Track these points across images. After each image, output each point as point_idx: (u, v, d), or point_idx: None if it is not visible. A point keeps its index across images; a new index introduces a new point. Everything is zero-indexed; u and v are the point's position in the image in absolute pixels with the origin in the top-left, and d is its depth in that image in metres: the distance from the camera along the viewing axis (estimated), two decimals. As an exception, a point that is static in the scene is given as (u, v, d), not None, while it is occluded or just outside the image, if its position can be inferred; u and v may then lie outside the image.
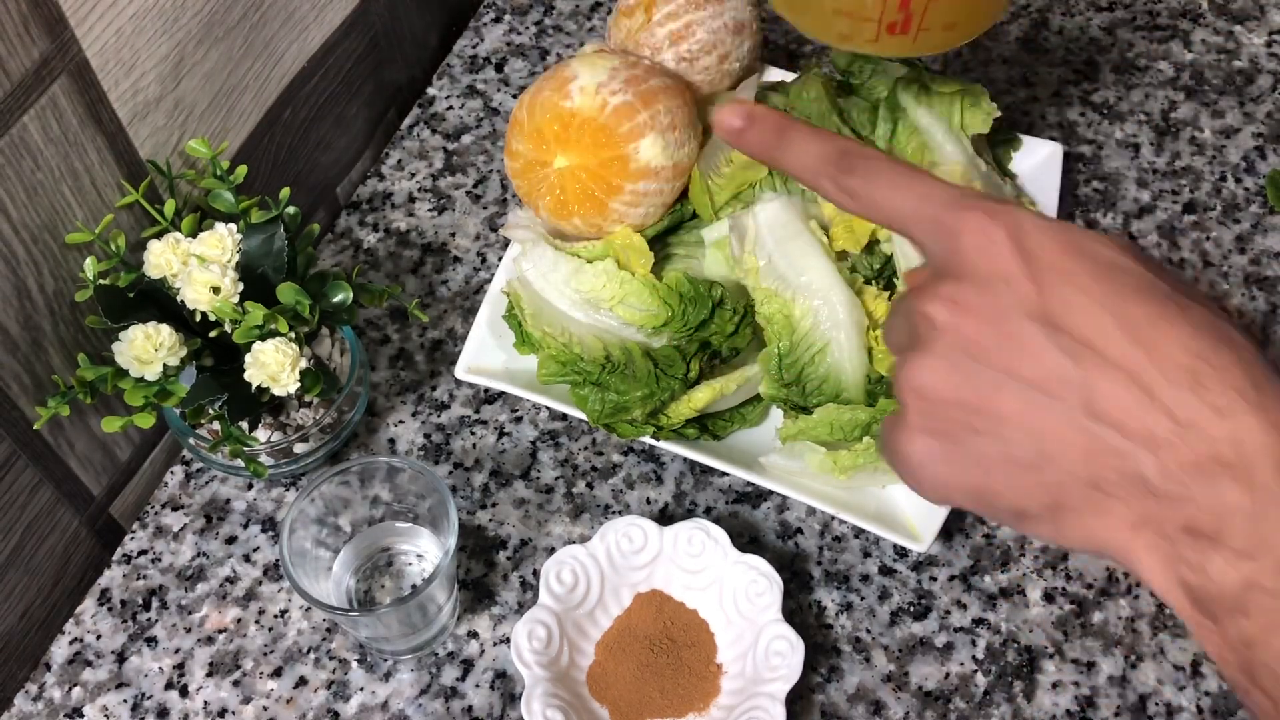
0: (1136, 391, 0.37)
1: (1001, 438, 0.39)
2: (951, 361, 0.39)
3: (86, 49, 0.56)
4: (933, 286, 0.40)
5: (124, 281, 0.61)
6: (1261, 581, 0.36)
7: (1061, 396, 0.38)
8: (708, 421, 0.68)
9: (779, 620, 0.60)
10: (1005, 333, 0.38)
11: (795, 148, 0.44)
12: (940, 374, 0.39)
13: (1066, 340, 0.38)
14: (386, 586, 0.65)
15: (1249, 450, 0.36)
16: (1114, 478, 0.38)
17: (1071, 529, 0.39)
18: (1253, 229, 0.79)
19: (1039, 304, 0.38)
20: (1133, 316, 0.38)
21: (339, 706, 0.63)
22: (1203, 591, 0.37)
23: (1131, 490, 0.38)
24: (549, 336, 0.66)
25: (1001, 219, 0.39)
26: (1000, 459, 0.39)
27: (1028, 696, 0.62)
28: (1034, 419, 0.38)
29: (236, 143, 0.70)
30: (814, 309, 0.64)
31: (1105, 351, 0.38)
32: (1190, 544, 0.37)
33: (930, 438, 0.40)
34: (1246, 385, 0.37)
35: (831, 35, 0.59)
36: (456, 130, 0.86)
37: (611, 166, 0.65)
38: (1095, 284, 0.38)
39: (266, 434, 0.66)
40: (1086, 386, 0.38)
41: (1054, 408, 0.38)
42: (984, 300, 0.39)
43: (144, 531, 0.69)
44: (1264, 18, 0.90)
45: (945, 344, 0.39)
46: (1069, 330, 0.38)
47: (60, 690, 0.64)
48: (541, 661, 0.59)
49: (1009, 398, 0.39)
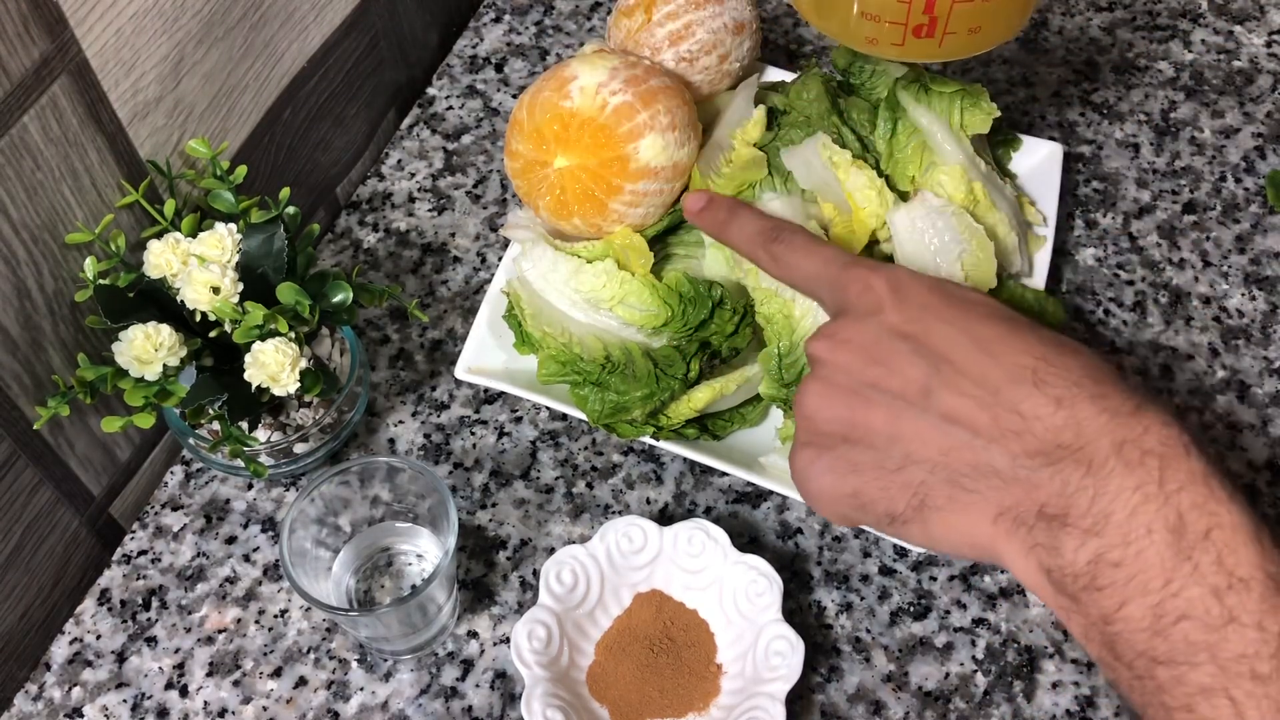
0: (983, 393, 0.42)
1: (871, 445, 0.44)
2: (829, 384, 0.46)
3: (86, 49, 0.56)
4: (822, 329, 0.47)
5: (124, 281, 0.61)
6: (1108, 555, 0.39)
7: (920, 403, 0.43)
8: (708, 421, 0.68)
9: (779, 620, 0.60)
10: (873, 354, 0.45)
11: (738, 224, 0.55)
12: (819, 396, 0.46)
13: (925, 354, 0.43)
14: (386, 586, 0.65)
15: (1087, 433, 0.40)
16: (970, 473, 0.42)
17: (939, 528, 0.43)
18: (1253, 229, 0.79)
19: (902, 327, 0.45)
20: (983, 334, 0.43)
21: (339, 706, 0.63)
22: (1060, 573, 0.40)
23: (987, 483, 0.42)
24: (549, 336, 0.66)
25: (881, 272, 0.47)
26: (871, 464, 0.44)
27: (1028, 696, 0.62)
28: (897, 425, 0.43)
29: (236, 143, 0.70)
30: (814, 309, 0.64)
31: (957, 362, 0.43)
32: (1044, 528, 0.40)
33: (813, 450, 0.46)
34: (1084, 378, 0.41)
35: (858, 40, 0.59)
36: (456, 130, 0.86)
37: (611, 166, 0.65)
38: (952, 311, 0.45)
39: (266, 434, 0.66)
40: (941, 391, 0.43)
41: (914, 414, 0.43)
42: (858, 329, 0.46)
43: (144, 531, 0.69)
44: (1264, 18, 0.90)
45: (825, 370, 0.46)
46: (928, 346, 0.44)
47: (60, 690, 0.64)
48: (541, 661, 0.59)
49: (877, 409, 0.44)
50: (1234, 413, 0.71)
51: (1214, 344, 0.74)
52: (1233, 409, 0.71)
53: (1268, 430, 0.71)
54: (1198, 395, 0.72)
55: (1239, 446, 0.70)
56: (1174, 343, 0.74)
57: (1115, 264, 0.78)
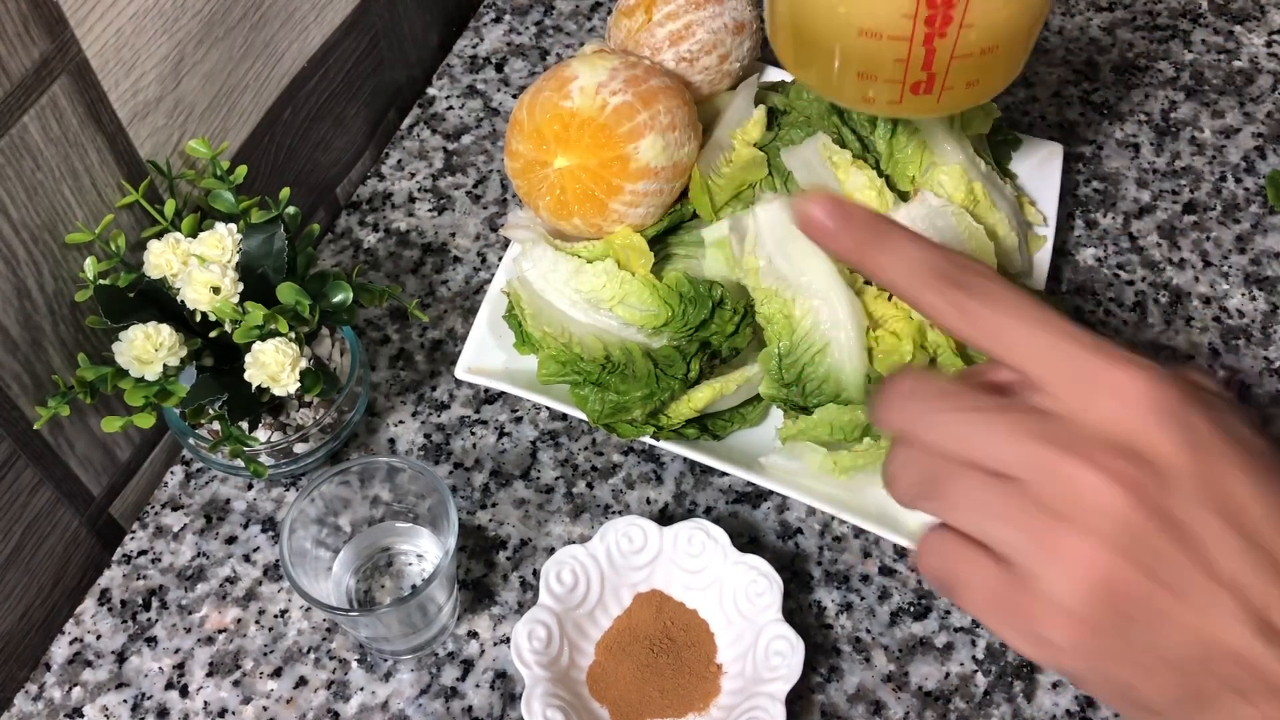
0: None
1: (1156, 632, 0.35)
2: (1128, 556, 0.34)
3: (86, 49, 0.56)
4: (1083, 448, 0.34)
5: (124, 281, 0.61)
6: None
7: (1228, 604, 0.34)
8: (708, 421, 0.68)
9: (779, 620, 0.60)
10: (1178, 524, 0.34)
11: (892, 251, 0.38)
12: (1119, 571, 0.34)
13: (1241, 540, 0.34)
14: (386, 586, 0.65)
15: None
16: (1259, 689, 0.35)
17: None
18: (1253, 229, 0.79)
19: (1210, 494, 0.34)
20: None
21: (339, 706, 0.63)
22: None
23: (1267, 699, 0.35)
24: (549, 336, 0.66)
25: (1146, 379, 0.35)
26: (1147, 651, 0.35)
27: (1028, 696, 0.62)
28: (1197, 621, 0.35)
29: (236, 143, 0.70)
30: (814, 309, 0.64)
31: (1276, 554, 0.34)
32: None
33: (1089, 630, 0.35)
34: None
35: (853, 99, 0.58)
36: (456, 130, 0.86)
37: (611, 166, 0.65)
38: (1251, 474, 0.35)
39: (266, 434, 0.66)
40: (1261, 597, 0.34)
41: (1220, 614, 0.34)
42: (1150, 481, 0.34)
43: (144, 531, 0.69)
44: (1264, 18, 0.90)
45: (1117, 531, 0.34)
46: (1243, 529, 0.34)
47: (60, 690, 0.64)
48: (541, 661, 0.59)
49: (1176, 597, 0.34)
50: (1234, 413, 0.71)
51: (1214, 344, 0.74)
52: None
53: (1268, 430, 0.71)
54: (1198, 395, 0.72)
55: (1239, 446, 0.70)
56: (1174, 343, 0.74)
57: (1115, 264, 0.78)
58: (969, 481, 0.35)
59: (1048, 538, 0.34)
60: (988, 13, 0.51)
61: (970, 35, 0.52)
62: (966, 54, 0.53)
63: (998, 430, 0.35)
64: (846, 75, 0.56)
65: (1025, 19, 0.54)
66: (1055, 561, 0.34)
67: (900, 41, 0.52)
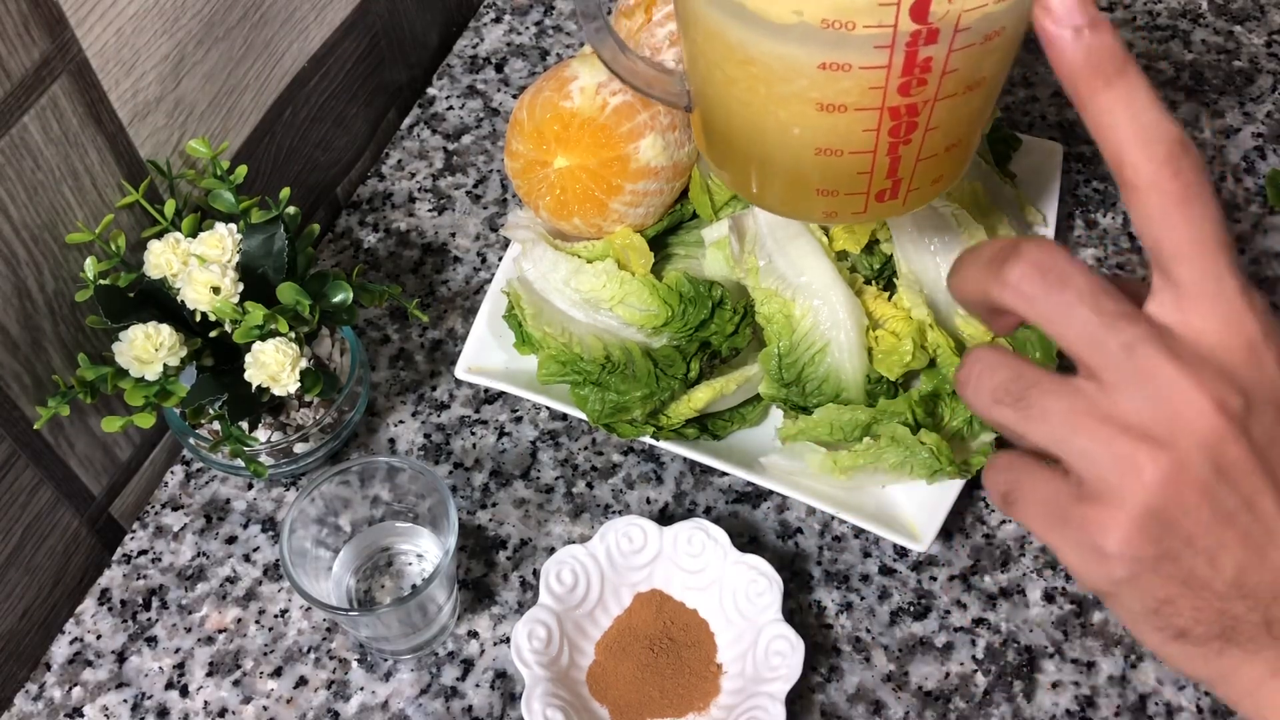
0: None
1: (1217, 554, 0.35)
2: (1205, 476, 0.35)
3: (86, 49, 0.56)
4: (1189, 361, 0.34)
5: (124, 281, 0.61)
6: None
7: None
8: (708, 421, 0.68)
9: (779, 620, 0.60)
10: (1262, 453, 0.35)
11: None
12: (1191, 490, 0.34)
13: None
14: (386, 586, 0.65)
15: None
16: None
17: (1227, 662, 0.37)
18: (1253, 229, 0.79)
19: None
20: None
21: (339, 706, 0.63)
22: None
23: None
24: (549, 336, 0.66)
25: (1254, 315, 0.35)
26: (1200, 571, 0.36)
27: (1028, 696, 0.62)
28: (1260, 551, 0.35)
29: (236, 143, 0.70)
30: (814, 309, 0.64)
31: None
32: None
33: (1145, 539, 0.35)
34: None
35: (815, 215, 0.56)
36: (456, 130, 0.86)
37: (611, 166, 0.65)
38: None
39: (266, 434, 0.66)
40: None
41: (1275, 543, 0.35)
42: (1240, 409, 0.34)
43: (144, 531, 0.69)
44: (1264, 18, 0.90)
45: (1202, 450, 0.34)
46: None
47: (60, 690, 0.64)
48: (541, 661, 0.59)
49: (1248, 523, 0.35)
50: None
51: (1214, 344, 0.74)
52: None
53: None
54: (1198, 395, 0.72)
55: (1239, 446, 0.70)
56: (1174, 343, 0.74)
57: (1115, 264, 0.78)
58: (1061, 389, 0.35)
59: (1128, 450, 0.34)
60: (952, 111, 0.46)
61: (935, 136, 0.47)
62: (931, 155, 0.49)
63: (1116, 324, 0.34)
64: (803, 193, 0.51)
65: (986, 108, 0.49)
66: (1131, 473, 0.34)
67: (863, 155, 0.48)
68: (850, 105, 0.45)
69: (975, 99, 0.47)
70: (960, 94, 0.46)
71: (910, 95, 0.44)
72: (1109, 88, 0.36)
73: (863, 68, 0.43)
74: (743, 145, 0.51)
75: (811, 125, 0.46)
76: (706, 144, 0.55)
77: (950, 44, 0.42)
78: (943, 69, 0.43)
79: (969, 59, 0.44)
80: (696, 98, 0.53)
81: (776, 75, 0.45)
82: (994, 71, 0.46)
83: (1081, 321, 0.34)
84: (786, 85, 0.45)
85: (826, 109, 0.45)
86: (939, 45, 0.42)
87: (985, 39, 0.43)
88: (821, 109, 0.45)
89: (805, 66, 0.44)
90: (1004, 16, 0.42)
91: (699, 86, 0.51)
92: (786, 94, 0.45)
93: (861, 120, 0.45)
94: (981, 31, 0.42)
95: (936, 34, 0.41)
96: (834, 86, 0.44)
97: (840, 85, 0.44)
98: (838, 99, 0.45)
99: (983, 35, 0.43)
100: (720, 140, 0.52)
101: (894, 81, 0.44)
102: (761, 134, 0.49)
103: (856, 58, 0.42)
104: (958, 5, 0.41)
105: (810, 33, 0.42)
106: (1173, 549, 0.35)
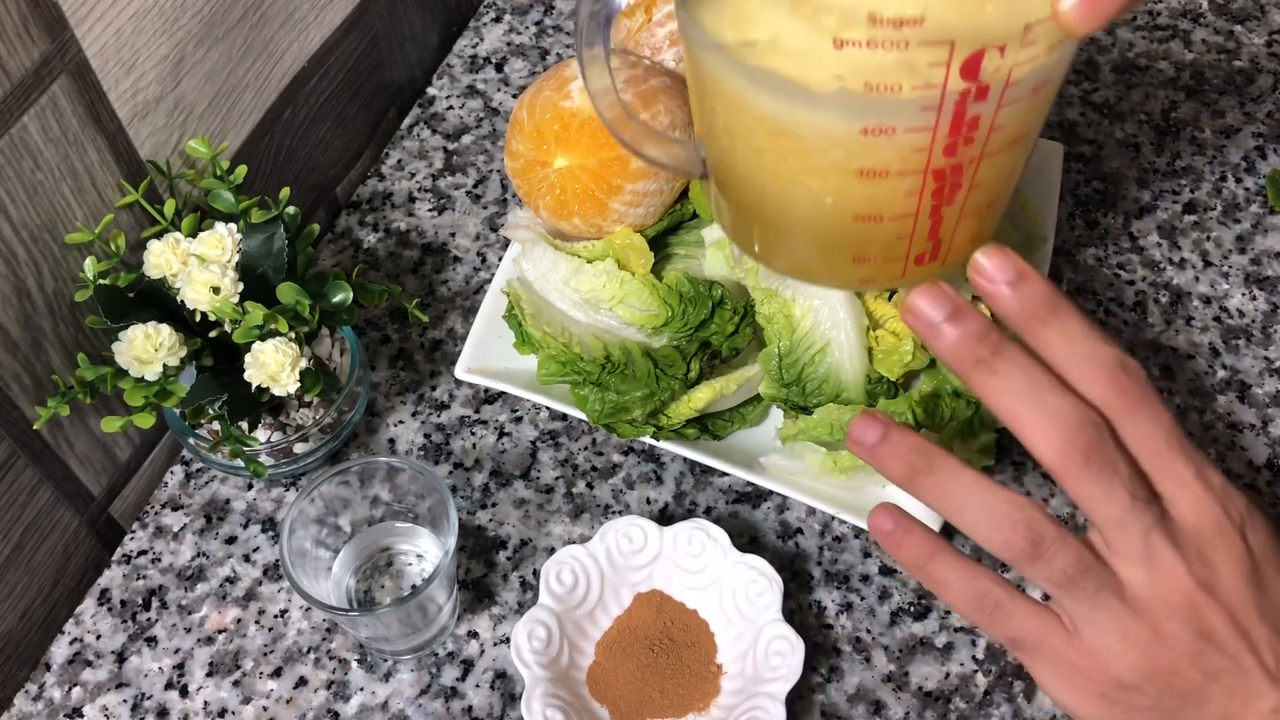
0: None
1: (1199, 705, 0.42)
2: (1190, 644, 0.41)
3: (86, 49, 0.56)
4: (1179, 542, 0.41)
5: (124, 281, 0.61)
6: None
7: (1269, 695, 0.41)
8: (708, 421, 0.68)
9: (779, 620, 0.60)
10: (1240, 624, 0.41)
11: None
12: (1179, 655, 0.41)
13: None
14: (386, 586, 0.65)
15: None
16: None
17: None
18: (1253, 229, 0.79)
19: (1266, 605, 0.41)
20: None
21: (339, 706, 0.63)
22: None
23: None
24: (549, 336, 0.66)
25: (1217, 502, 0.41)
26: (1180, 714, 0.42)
27: (1028, 696, 0.62)
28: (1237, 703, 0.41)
29: (236, 143, 0.70)
30: (814, 308, 0.64)
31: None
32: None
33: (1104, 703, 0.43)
34: None
35: (850, 283, 0.54)
36: (456, 130, 0.86)
37: (611, 166, 0.65)
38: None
39: (266, 434, 0.66)
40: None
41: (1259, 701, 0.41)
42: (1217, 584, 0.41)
43: (144, 531, 0.69)
44: (1264, 18, 0.90)
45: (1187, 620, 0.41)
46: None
47: (60, 690, 0.64)
48: (541, 661, 0.59)
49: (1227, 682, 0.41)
50: (1234, 413, 0.71)
51: (1214, 344, 0.74)
52: (1233, 409, 0.71)
53: (1268, 430, 0.71)
54: (1198, 395, 0.72)
55: (1239, 446, 0.70)
56: (1174, 343, 0.74)
57: (1115, 264, 0.78)
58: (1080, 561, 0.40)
59: (1131, 622, 0.41)
60: (996, 167, 0.44)
61: (978, 195, 0.45)
62: (974, 213, 0.47)
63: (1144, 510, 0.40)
64: (837, 262, 0.48)
65: (1024, 161, 0.47)
66: (1131, 639, 0.41)
67: (904, 220, 0.45)
68: (893, 170, 0.42)
69: (1018, 153, 0.45)
70: (1004, 150, 0.44)
71: (956, 155, 0.42)
72: (1045, 326, 0.40)
73: (908, 131, 0.40)
74: (770, 216, 0.48)
75: (849, 193, 0.44)
76: (726, 214, 0.51)
77: (1000, 100, 0.40)
78: (990, 126, 0.41)
79: (1016, 114, 0.42)
80: (714, 166, 0.49)
81: (812, 145, 0.42)
82: (1036, 124, 0.44)
83: (1118, 504, 0.39)
84: (823, 155, 0.42)
85: (866, 176, 0.42)
86: (988, 103, 0.40)
87: (1033, 91, 0.41)
88: (861, 176, 0.42)
89: (845, 134, 0.41)
90: (1054, 68, 0.41)
91: (718, 156, 0.48)
92: (823, 163, 0.43)
93: (904, 184, 0.43)
94: (1030, 84, 0.40)
95: (986, 90, 0.39)
96: (875, 153, 0.41)
97: (882, 151, 0.41)
98: (879, 165, 0.42)
99: (1031, 88, 0.41)
100: (742, 210, 0.49)
101: (940, 143, 0.41)
102: (792, 204, 0.46)
103: (901, 121, 0.40)
104: (1009, 59, 0.38)
105: (852, 99, 0.39)
106: (1162, 696, 0.41)
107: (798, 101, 0.41)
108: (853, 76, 0.39)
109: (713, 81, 0.44)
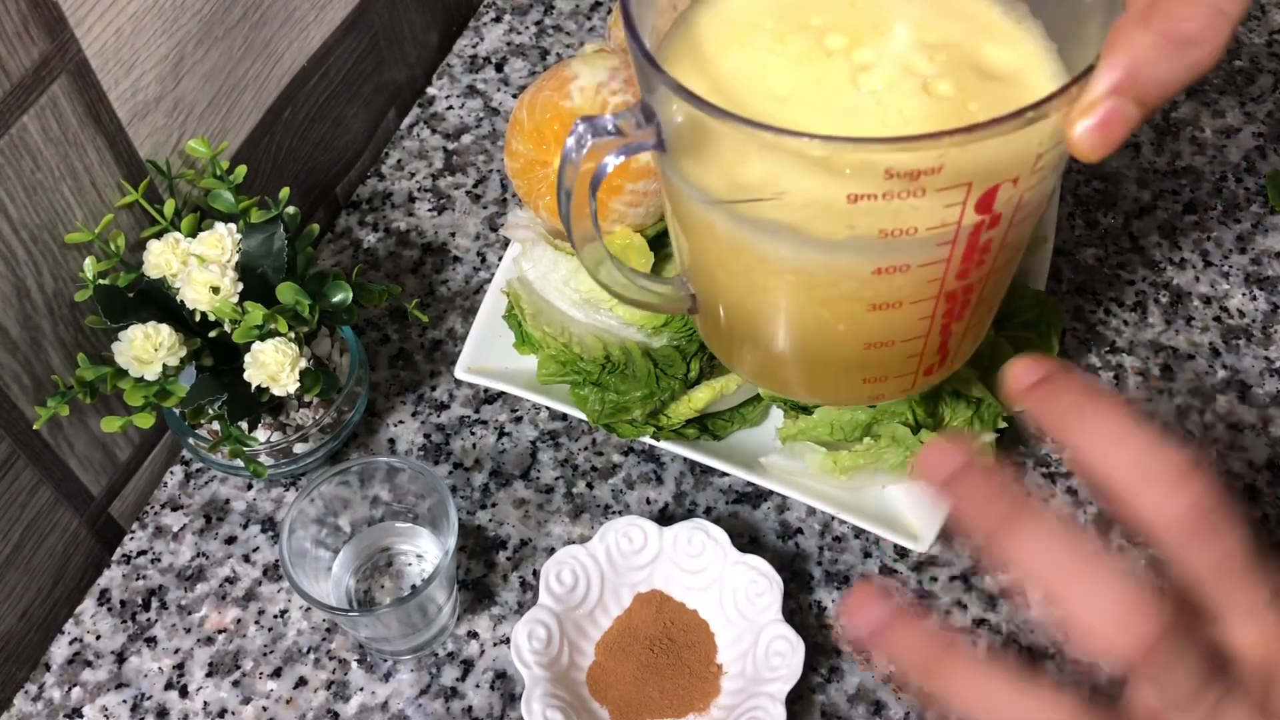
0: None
1: None
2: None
3: (86, 49, 0.56)
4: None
5: (124, 281, 0.61)
6: None
7: None
8: (708, 421, 0.68)
9: (779, 620, 0.60)
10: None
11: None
12: None
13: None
14: (386, 586, 0.65)
15: None
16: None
17: None
18: (1253, 229, 0.79)
19: None
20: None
21: (339, 707, 0.63)
22: None
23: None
24: (549, 336, 0.66)
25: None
26: None
27: (1028, 697, 0.62)
28: None
29: (236, 143, 0.70)
30: (814, 309, 0.64)
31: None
32: None
33: None
34: None
35: (860, 400, 0.53)
36: (456, 130, 0.86)
37: (611, 166, 0.64)
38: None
39: (266, 434, 0.66)
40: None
41: None
42: None
43: (144, 531, 0.69)
44: (1264, 18, 0.90)
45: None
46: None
47: (60, 690, 0.63)
48: (541, 661, 0.59)
49: None
50: (1234, 413, 0.71)
51: (1214, 344, 0.74)
52: (1233, 409, 0.71)
53: (1268, 430, 0.71)
54: (1198, 395, 0.72)
55: (1239, 446, 0.70)
56: (1174, 343, 0.74)
57: (1115, 264, 0.78)
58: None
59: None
60: (1000, 279, 0.45)
61: (982, 307, 0.46)
62: (978, 322, 0.47)
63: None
64: (847, 384, 0.49)
65: (1016, 262, 0.47)
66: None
67: (916, 341, 0.45)
68: (906, 301, 0.42)
69: (1018, 258, 0.45)
70: (1011, 260, 0.44)
71: (968, 278, 0.42)
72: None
73: (922, 265, 0.40)
74: (773, 346, 0.47)
75: (861, 323, 0.43)
76: (722, 345, 0.49)
77: (1011, 222, 0.40)
78: (1000, 244, 0.41)
79: (1023, 229, 0.42)
80: (706, 301, 0.48)
81: (820, 282, 0.41)
82: (1033, 227, 0.44)
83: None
84: (833, 289, 0.41)
85: (879, 308, 0.42)
86: (1000, 228, 0.40)
87: (1038, 206, 0.41)
88: (874, 309, 0.42)
89: (857, 273, 0.40)
90: (1054, 177, 0.40)
91: (713, 293, 0.46)
92: (833, 297, 0.42)
93: (917, 310, 0.42)
94: (1036, 201, 0.40)
95: (999, 218, 0.39)
96: (889, 287, 0.40)
97: (896, 285, 0.40)
98: (893, 298, 0.41)
99: (1037, 205, 0.41)
100: (738, 341, 0.48)
101: (953, 270, 0.41)
102: (799, 335, 0.45)
103: (916, 258, 0.39)
104: (1021, 186, 0.38)
105: (866, 244, 0.38)
106: None
107: (806, 248, 0.39)
108: (866, 225, 0.38)
109: (703, 226, 0.42)
